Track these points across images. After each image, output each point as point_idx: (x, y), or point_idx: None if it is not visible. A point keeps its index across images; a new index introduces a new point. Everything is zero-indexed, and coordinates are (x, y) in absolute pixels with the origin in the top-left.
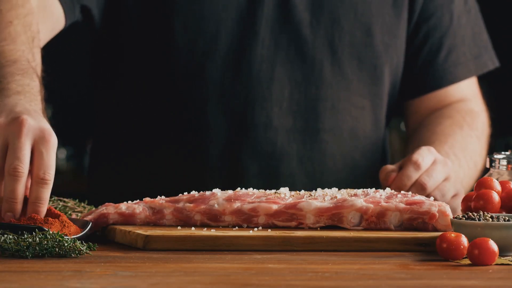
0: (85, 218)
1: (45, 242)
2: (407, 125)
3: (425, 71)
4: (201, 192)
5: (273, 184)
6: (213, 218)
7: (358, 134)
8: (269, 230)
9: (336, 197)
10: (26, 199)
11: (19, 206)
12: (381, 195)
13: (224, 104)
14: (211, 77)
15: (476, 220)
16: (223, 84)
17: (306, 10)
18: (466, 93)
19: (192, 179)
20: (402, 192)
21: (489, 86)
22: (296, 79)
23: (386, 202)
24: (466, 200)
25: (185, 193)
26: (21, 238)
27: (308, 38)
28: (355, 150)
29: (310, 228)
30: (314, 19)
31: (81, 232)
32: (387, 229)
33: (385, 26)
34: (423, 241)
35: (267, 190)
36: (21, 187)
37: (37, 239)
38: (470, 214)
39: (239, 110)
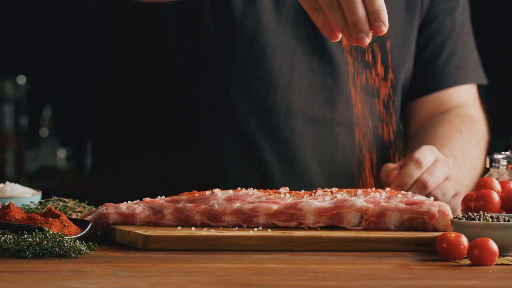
0: (85, 218)
1: (45, 242)
2: (408, 130)
3: (426, 73)
4: (201, 192)
5: (289, 170)
6: (213, 218)
7: (366, 131)
8: (269, 230)
9: (336, 197)
10: None
11: (366, 24)
12: (381, 195)
13: (246, 88)
14: (236, 61)
15: (476, 220)
16: (248, 68)
17: None
18: (466, 99)
19: (208, 164)
20: (402, 192)
21: (489, 86)
22: (314, 70)
23: (386, 202)
24: (466, 200)
25: (186, 193)
26: (21, 238)
27: None
28: (363, 146)
29: (310, 228)
30: None
31: (81, 232)
32: (387, 229)
33: (398, 29)
34: (423, 241)
35: (268, 190)
36: (360, 6)
37: (37, 239)
38: (470, 214)
39: (261, 94)
